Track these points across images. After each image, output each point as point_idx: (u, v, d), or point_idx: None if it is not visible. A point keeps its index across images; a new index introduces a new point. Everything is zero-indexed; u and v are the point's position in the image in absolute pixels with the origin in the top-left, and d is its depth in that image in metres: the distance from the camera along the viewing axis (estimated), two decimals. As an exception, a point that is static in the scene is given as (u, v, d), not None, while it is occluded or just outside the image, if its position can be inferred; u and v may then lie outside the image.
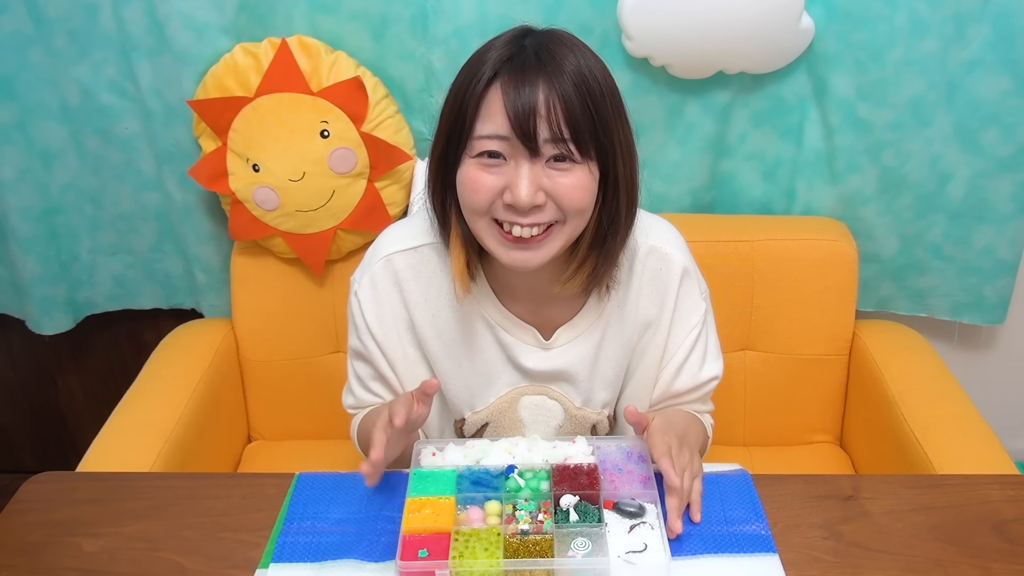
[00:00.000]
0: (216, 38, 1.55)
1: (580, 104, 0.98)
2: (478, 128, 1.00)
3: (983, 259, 1.70)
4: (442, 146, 1.05)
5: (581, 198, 1.02)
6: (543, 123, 0.98)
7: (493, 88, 1.00)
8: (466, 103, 1.01)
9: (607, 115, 1.01)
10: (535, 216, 1.01)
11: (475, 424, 1.21)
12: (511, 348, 1.17)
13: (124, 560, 0.97)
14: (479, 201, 1.02)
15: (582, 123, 0.99)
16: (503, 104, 0.98)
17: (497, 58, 1.01)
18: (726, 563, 0.96)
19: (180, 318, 1.85)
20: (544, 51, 1.00)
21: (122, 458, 1.37)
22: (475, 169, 1.02)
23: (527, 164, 1.00)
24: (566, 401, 1.20)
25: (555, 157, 1.00)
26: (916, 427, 1.42)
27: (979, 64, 1.53)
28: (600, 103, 1.00)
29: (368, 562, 0.97)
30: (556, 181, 1.00)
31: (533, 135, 0.98)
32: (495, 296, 1.16)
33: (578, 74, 0.99)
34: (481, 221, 1.04)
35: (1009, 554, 0.97)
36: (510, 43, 1.03)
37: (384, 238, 1.20)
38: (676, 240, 1.20)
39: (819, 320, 1.64)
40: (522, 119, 0.97)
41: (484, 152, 1.01)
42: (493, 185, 1.01)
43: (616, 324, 1.18)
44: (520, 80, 0.98)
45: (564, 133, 0.98)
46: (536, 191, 1.00)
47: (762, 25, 1.48)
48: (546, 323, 1.17)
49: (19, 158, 1.68)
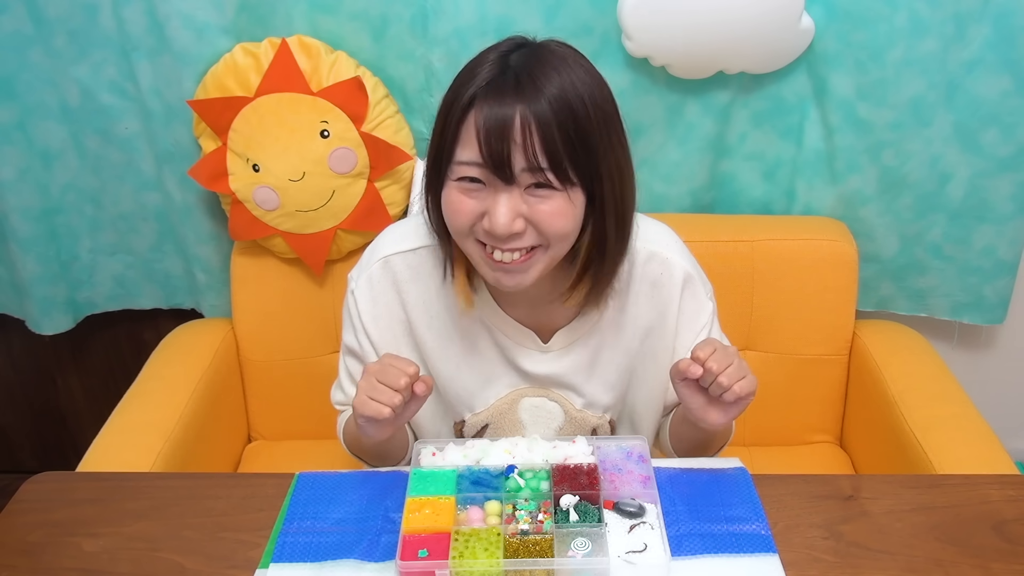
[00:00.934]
0: (216, 38, 1.55)
1: (560, 131, 0.95)
2: (457, 153, 0.99)
3: (983, 259, 1.70)
4: (430, 165, 1.04)
5: (561, 225, 1.00)
6: (518, 151, 0.95)
7: (471, 112, 0.97)
8: (447, 126, 0.99)
9: (592, 140, 0.97)
10: (514, 242, 1.00)
11: (475, 426, 1.21)
12: (510, 351, 1.17)
13: (124, 560, 0.97)
14: (460, 224, 1.01)
15: (561, 151, 0.95)
16: (475, 134, 0.96)
17: (480, 79, 0.98)
18: (726, 563, 0.96)
19: (180, 318, 1.85)
20: (525, 74, 0.96)
21: (122, 458, 1.37)
22: (456, 192, 1.00)
23: (504, 192, 0.98)
24: (566, 403, 1.20)
25: (534, 184, 0.98)
26: (916, 427, 1.42)
27: (979, 64, 1.53)
28: (584, 127, 0.96)
29: (368, 562, 0.97)
30: (535, 208, 0.98)
31: (508, 164, 0.95)
32: (493, 300, 1.16)
33: (560, 99, 0.95)
34: (467, 242, 1.03)
35: (1009, 554, 0.97)
36: (496, 62, 0.99)
37: (383, 239, 1.19)
38: (675, 244, 1.19)
39: (819, 320, 1.64)
40: (494, 147, 0.95)
41: (464, 177, 0.99)
42: (473, 210, 0.99)
43: (614, 328, 1.18)
44: (495, 105, 0.95)
45: (541, 162, 0.95)
46: (514, 219, 0.98)
47: (762, 25, 1.48)
48: (544, 326, 1.17)
49: (19, 158, 1.68)
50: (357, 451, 1.21)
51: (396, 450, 1.19)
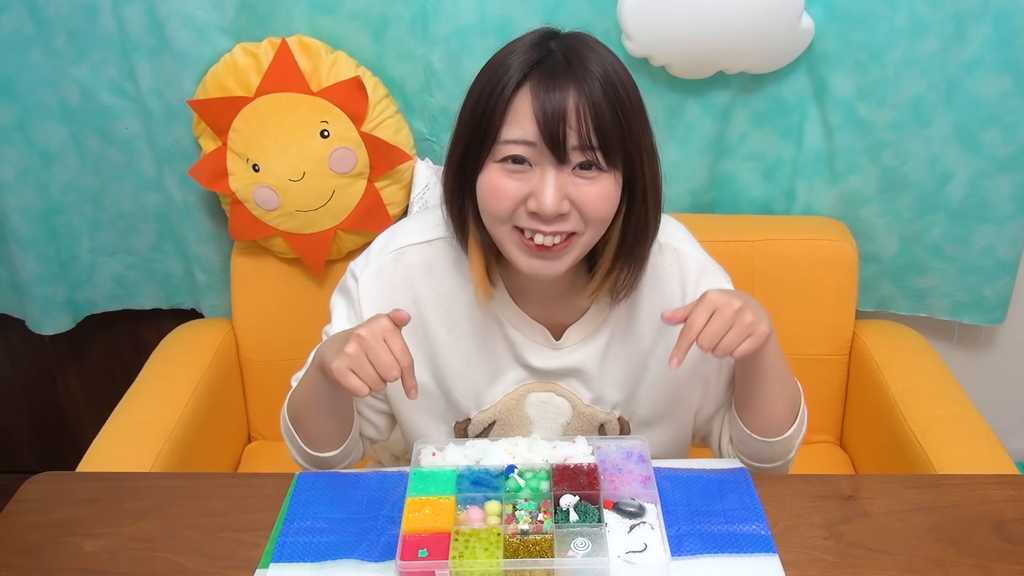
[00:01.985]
0: (216, 38, 1.55)
1: (610, 111, 0.97)
2: (504, 132, 0.98)
3: (983, 259, 1.70)
4: (462, 150, 1.03)
5: (605, 208, 1.01)
6: (572, 130, 0.96)
7: (521, 92, 0.98)
8: (492, 107, 0.99)
9: (634, 122, 0.99)
10: (558, 224, 1.00)
11: (481, 424, 1.20)
12: (519, 346, 1.16)
13: (124, 560, 0.97)
14: (501, 208, 1.00)
15: (611, 131, 0.97)
16: (532, 109, 0.96)
17: (524, 61, 0.99)
18: (726, 563, 0.96)
19: (180, 318, 1.85)
20: (573, 54, 0.99)
21: (122, 458, 1.37)
22: (498, 175, 1.00)
23: (553, 171, 0.98)
24: (574, 398, 1.19)
25: (581, 165, 0.98)
26: (916, 427, 1.42)
27: (979, 64, 1.53)
28: (628, 110, 0.99)
29: (368, 562, 0.97)
30: (582, 190, 0.99)
31: (562, 142, 0.96)
32: (509, 295, 1.15)
33: (607, 79, 0.97)
34: (502, 228, 1.02)
35: (1009, 554, 0.97)
36: (536, 46, 1.00)
37: (398, 229, 1.18)
38: (685, 236, 1.20)
39: (819, 320, 1.64)
40: (551, 125, 0.96)
41: (509, 157, 0.99)
42: (517, 192, 0.99)
43: (626, 322, 1.17)
44: (550, 84, 0.96)
45: (593, 141, 0.97)
46: (562, 199, 0.98)
47: (762, 25, 1.48)
48: (557, 323, 1.16)
49: (19, 158, 1.68)
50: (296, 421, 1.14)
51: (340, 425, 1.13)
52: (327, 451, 1.14)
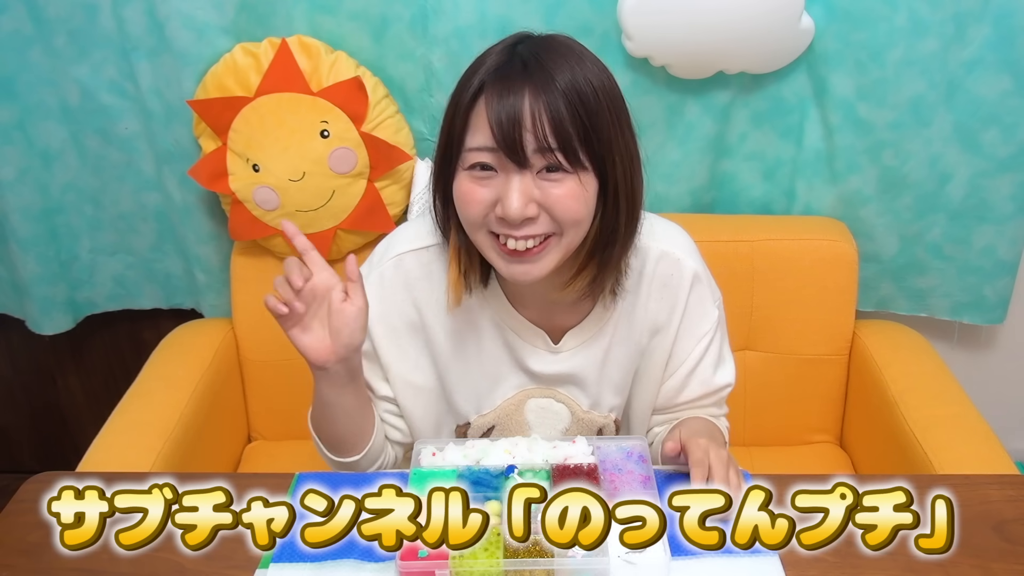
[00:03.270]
0: (216, 38, 1.55)
1: (569, 112, 0.96)
2: (468, 140, 0.99)
3: (983, 259, 1.70)
4: (440, 157, 1.05)
5: (575, 209, 1.00)
6: (528, 134, 0.96)
7: (480, 99, 0.98)
8: (457, 115, 1.00)
9: (601, 121, 0.98)
10: (528, 228, 1.00)
11: (480, 428, 1.20)
12: (518, 350, 1.16)
13: (124, 560, 0.97)
14: (473, 214, 1.01)
15: (571, 132, 0.96)
16: (487, 117, 0.97)
17: (486, 68, 1.00)
18: (726, 563, 0.96)
19: (180, 318, 1.85)
20: (532, 59, 0.98)
21: (122, 458, 1.37)
22: (468, 182, 1.01)
23: (517, 176, 0.98)
24: (573, 404, 1.20)
25: (546, 168, 0.98)
26: (916, 427, 1.42)
27: (979, 64, 1.53)
28: (593, 109, 0.97)
29: (368, 562, 0.96)
30: (547, 192, 0.98)
31: (519, 146, 0.96)
32: (506, 299, 1.15)
33: (568, 82, 0.96)
34: (479, 233, 1.03)
35: (1009, 554, 0.97)
36: (502, 52, 1.01)
37: (395, 236, 1.19)
38: (687, 245, 1.19)
39: (819, 320, 1.64)
40: (506, 130, 0.95)
41: (476, 164, 0.99)
42: (485, 198, 1.00)
43: (625, 328, 1.17)
44: (504, 90, 0.96)
45: (551, 143, 0.96)
46: (527, 203, 0.98)
47: (762, 25, 1.48)
48: (555, 327, 1.16)
49: (19, 158, 1.68)
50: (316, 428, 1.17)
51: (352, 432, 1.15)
52: (349, 456, 1.15)
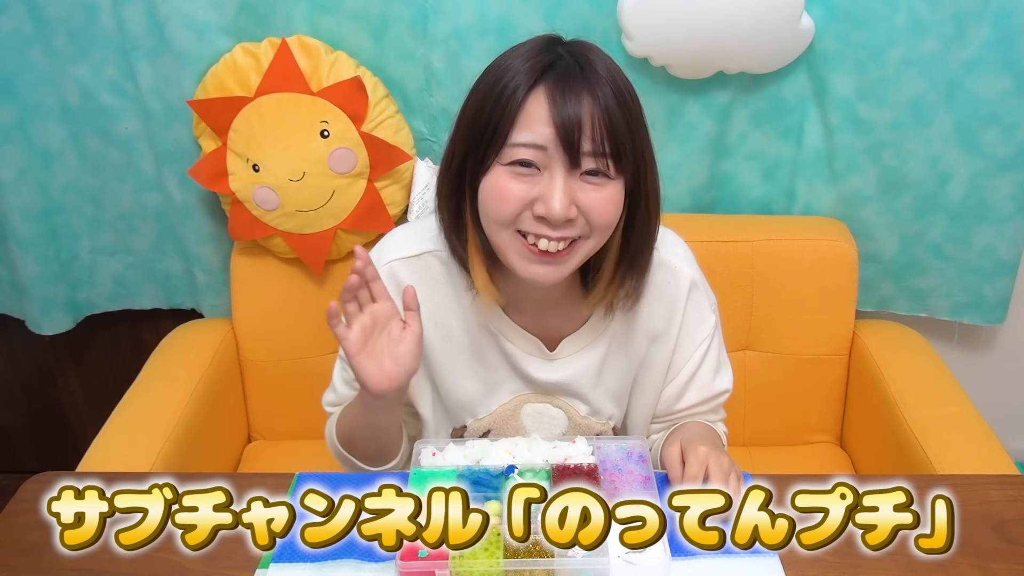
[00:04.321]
0: (216, 38, 1.55)
1: (622, 119, 0.97)
2: (514, 136, 0.98)
3: (983, 259, 1.70)
4: (463, 153, 1.02)
5: (611, 214, 1.01)
6: (587, 136, 0.96)
7: (534, 95, 0.97)
8: (501, 109, 0.98)
9: (640, 130, 1.01)
10: (565, 230, 0.99)
11: (476, 431, 1.20)
12: (515, 357, 1.16)
13: (124, 560, 0.97)
14: (506, 211, 0.99)
15: (623, 139, 0.98)
16: (548, 113, 0.96)
17: (535, 65, 0.98)
18: (726, 563, 0.96)
19: (180, 318, 1.85)
20: (584, 60, 0.99)
21: (122, 458, 1.37)
22: (505, 177, 0.99)
23: (563, 175, 0.98)
24: (570, 409, 1.20)
25: (590, 171, 0.98)
26: (916, 427, 1.42)
27: (979, 64, 1.53)
28: (636, 118, 1.00)
29: (368, 562, 0.97)
30: (589, 195, 0.99)
31: (577, 147, 0.96)
32: (500, 308, 1.14)
33: (616, 87, 0.98)
34: (504, 232, 1.02)
35: (1009, 554, 0.97)
36: (544, 50, 1.00)
37: (387, 243, 1.18)
38: (684, 253, 1.19)
39: (819, 320, 1.64)
40: (567, 129, 0.95)
41: (517, 161, 0.98)
42: (523, 195, 0.99)
43: (622, 337, 1.17)
44: (566, 89, 0.96)
45: (606, 148, 0.97)
46: (570, 204, 0.98)
47: (762, 25, 1.48)
48: (550, 335, 1.16)
49: (19, 158, 1.68)
50: (349, 446, 1.18)
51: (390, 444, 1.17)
52: (384, 464, 1.17)
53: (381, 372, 1.01)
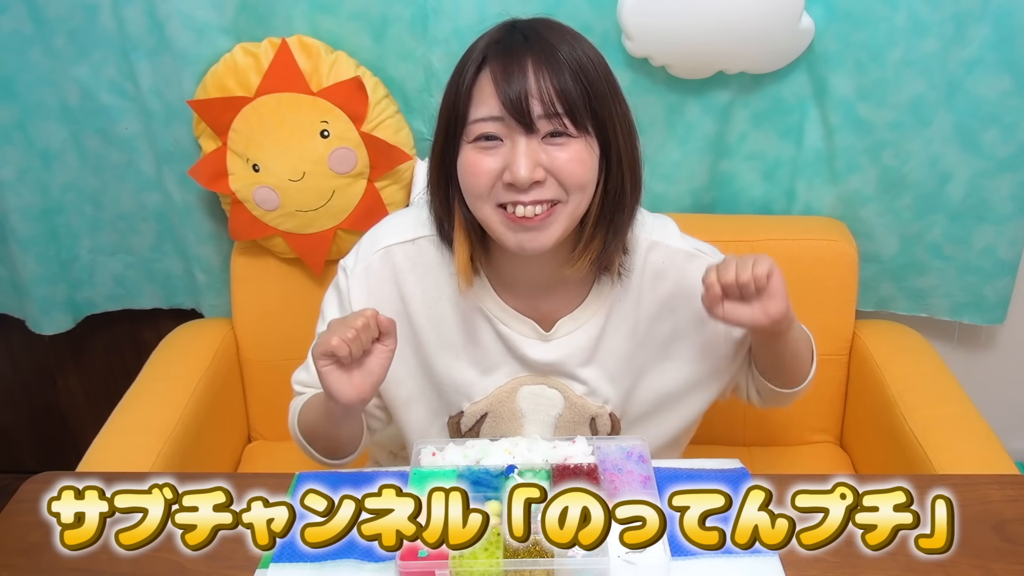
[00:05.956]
0: (216, 38, 1.55)
1: (572, 78, 1.00)
2: (472, 113, 1.02)
3: (983, 259, 1.70)
4: (441, 139, 1.07)
5: (581, 172, 1.03)
6: (535, 100, 1.00)
7: (484, 72, 1.02)
8: (459, 91, 1.03)
9: (601, 89, 1.03)
10: (536, 193, 1.02)
11: (473, 416, 1.21)
12: (511, 340, 1.17)
13: (124, 560, 0.97)
14: (480, 184, 1.03)
15: (575, 96, 1.00)
16: (494, 86, 1.00)
17: (485, 44, 1.03)
18: (726, 563, 0.96)
19: (180, 318, 1.85)
20: (532, 32, 1.03)
21: (122, 458, 1.37)
22: (473, 154, 1.03)
23: (524, 140, 1.01)
24: (567, 389, 1.20)
25: (551, 133, 1.01)
26: (916, 427, 1.42)
27: (979, 64, 1.53)
28: (593, 77, 1.02)
29: (368, 562, 0.97)
30: (553, 156, 1.02)
31: (526, 112, 0.99)
32: (493, 290, 1.16)
33: (568, 50, 1.01)
34: (486, 207, 1.05)
35: (1009, 554, 0.97)
36: (499, 30, 1.05)
37: (382, 228, 1.20)
38: (674, 231, 1.21)
39: (819, 320, 1.62)
40: (513, 98, 0.99)
41: (481, 136, 1.02)
42: (492, 167, 1.02)
43: (618, 317, 1.18)
44: (508, 60, 1.00)
45: (557, 107, 1.00)
46: (534, 167, 1.01)
47: (762, 25, 1.48)
48: (546, 316, 1.17)
49: (19, 158, 1.68)
50: (309, 434, 1.18)
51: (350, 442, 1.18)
52: (343, 457, 1.18)
53: (349, 384, 1.02)
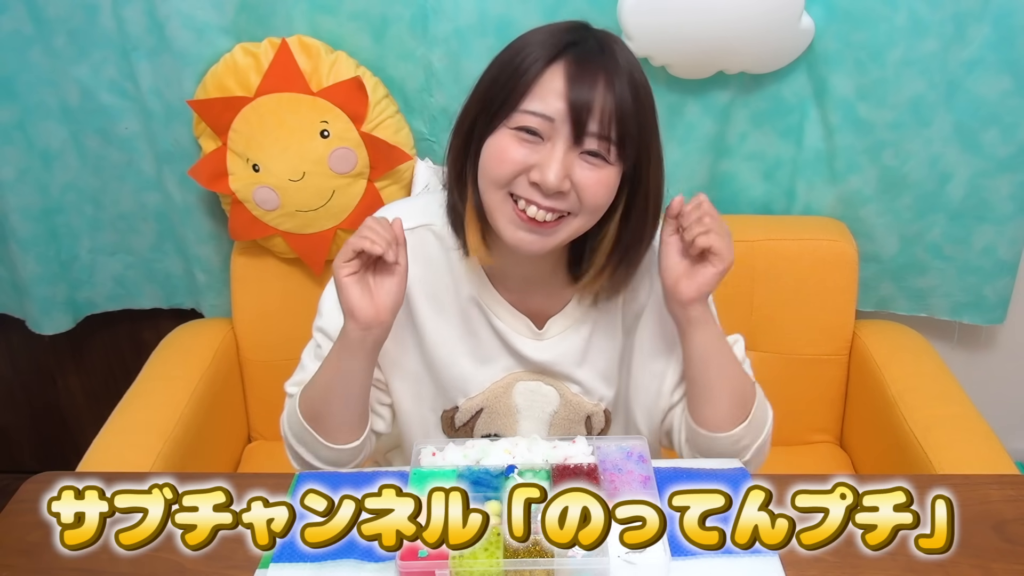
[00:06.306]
0: (216, 38, 1.55)
1: (632, 109, 1.00)
2: (526, 103, 1.00)
3: (983, 259, 1.70)
4: (475, 114, 1.05)
5: (603, 196, 1.03)
6: (595, 116, 0.99)
7: (553, 68, 1.00)
8: (518, 76, 1.00)
9: (649, 125, 1.03)
10: (555, 201, 1.01)
11: (468, 411, 1.20)
12: (505, 334, 1.17)
13: (124, 560, 0.97)
14: (503, 172, 1.02)
15: (630, 126, 1.00)
16: (564, 88, 0.99)
17: (559, 41, 1.01)
18: (726, 563, 0.96)
19: (180, 318, 1.85)
20: (607, 45, 1.02)
21: (122, 458, 1.38)
22: (508, 139, 1.01)
23: (564, 148, 1.00)
24: (562, 386, 1.20)
25: (590, 151, 1.01)
26: (916, 427, 1.42)
27: (979, 64, 1.53)
28: (646, 112, 1.03)
29: (368, 562, 0.96)
30: (585, 174, 1.01)
31: (584, 125, 0.99)
32: (489, 283, 1.16)
33: (632, 78, 1.01)
34: (497, 195, 1.04)
35: (1009, 554, 0.97)
36: (570, 30, 1.03)
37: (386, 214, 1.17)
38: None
39: (819, 320, 1.64)
40: (578, 107, 0.98)
41: (524, 127, 1.01)
42: (522, 160, 1.01)
43: (607, 315, 1.18)
44: (584, 68, 0.99)
45: (612, 133, 1.00)
46: (564, 177, 1.00)
47: (762, 25, 1.48)
48: (537, 313, 1.17)
49: (19, 158, 1.68)
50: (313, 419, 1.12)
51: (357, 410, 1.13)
52: (347, 442, 1.13)
53: (369, 300, 1.04)
